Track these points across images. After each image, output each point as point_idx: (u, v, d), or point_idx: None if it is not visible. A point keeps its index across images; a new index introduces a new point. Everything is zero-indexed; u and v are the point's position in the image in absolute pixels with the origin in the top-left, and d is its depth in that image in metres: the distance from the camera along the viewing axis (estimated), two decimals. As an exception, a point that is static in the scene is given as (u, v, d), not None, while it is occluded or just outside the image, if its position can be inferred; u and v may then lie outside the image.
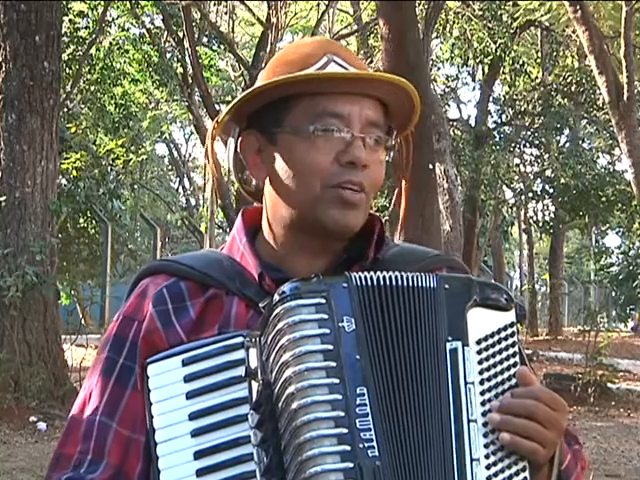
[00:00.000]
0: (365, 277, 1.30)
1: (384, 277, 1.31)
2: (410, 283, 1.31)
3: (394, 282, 1.31)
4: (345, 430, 1.21)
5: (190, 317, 1.40)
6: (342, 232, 1.40)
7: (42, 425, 8.42)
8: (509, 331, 1.32)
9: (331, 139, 1.37)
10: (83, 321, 14.41)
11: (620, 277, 21.56)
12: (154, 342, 1.39)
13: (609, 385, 11.68)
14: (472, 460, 1.25)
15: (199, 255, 1.51)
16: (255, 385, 1.28)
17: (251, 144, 1.44)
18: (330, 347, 1.24)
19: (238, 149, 1.45)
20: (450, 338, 1.29)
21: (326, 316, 1.26)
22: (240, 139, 1.45)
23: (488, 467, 1.26)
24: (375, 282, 1.30)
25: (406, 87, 1.42)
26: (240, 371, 1.30)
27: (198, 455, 1.28)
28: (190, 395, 1.30)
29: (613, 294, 23.82)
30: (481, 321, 1.31)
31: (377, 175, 1.41)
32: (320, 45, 1.44)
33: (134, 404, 1.37)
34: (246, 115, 1.44)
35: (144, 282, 1.45)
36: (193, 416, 1.29)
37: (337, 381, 1.23)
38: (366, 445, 1.21)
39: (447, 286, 1.32)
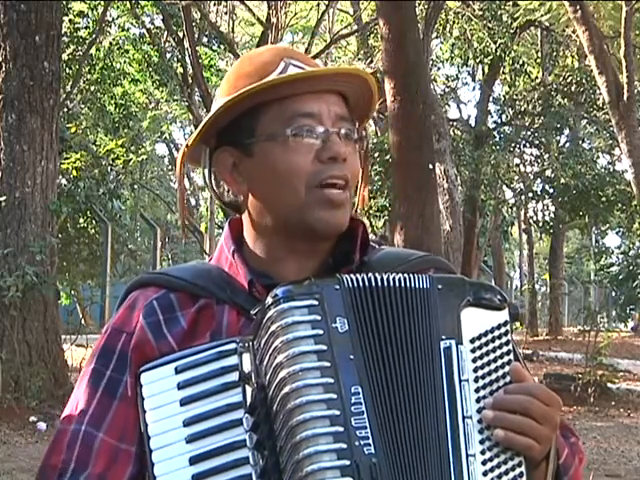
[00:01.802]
0: (357, 278, 1.31)
1: (376, 278, 1.32)
2: (402, 284, 1.32)
3: (386, 283, 1.32)
4: (341, 428, 1.22)
5: (181, 327, 1.41)
6: (331, 232, 1.41)
7: (42, 425, 8.43)
8: (502, 330, 1.33)
9: (307, 139, 1.39)
10: (83, 321, 14.41)
11: (620, 277, 21.56)
12: (145, 353, 1.39)
13: (609, 385, 11.69)
14: (468, 456, 1.26)
15: (188, 267, 1.51)
16: (249, 389, 1.29)
17: (225, 161, 1.44)
18: (324, 347, 1.25)
19: (213, 168, 1.46)
20: (444, 337, 1.30)
21: (319, 317, 1.26)
22: (213, 158, 1.45)
23: (484, 463, 1.27)
24: (367, 283, 1.31)
25: (364, 76, 1.44)
26: (234, 377, 1.30)
27: (194, 460, 1.28)
28: (184, 402, 1.30)
29: (613, 294, 23.83)
30: (475, 320, 1.32)
31: (356, 167, 1.43)
32: (275, 52, 1.46)
33: (122, 415, 1.37)
34: (214, 134, 1.44)
35: (133, 294, 1.46)
36: (187, 422, 1.29)
37: (332, 380, 1.24)
38: (362, 443, 1.22)
39: (440, 286, 1.33)
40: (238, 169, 1.43)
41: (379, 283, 1.32)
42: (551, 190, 20.00)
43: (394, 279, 1.32)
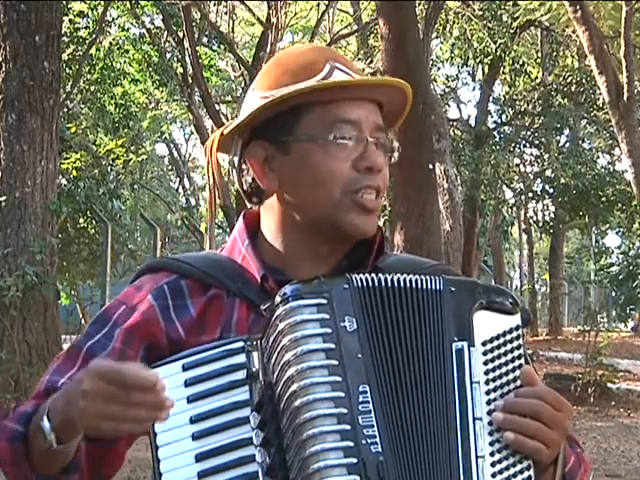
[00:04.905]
0: (366, 278, 1.32)
1: (386, 279, 1.32)
2: (414, 285, 1.33)
3: (396, 283, 1.32)
4: (348, 426, 1.22)
5: (191, 316, 1.41)
6: (359, 237, 1.43)
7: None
8: (514, 334, 1.33)
9: (347, 146, 1.40)
10: (83, 321, 14.40)
11: (620, 277, 21.57)
12: (152, 331, 1.40)
13: (609, 385, 11.69)
14: (477, 457, 1.27)
15: (200, 255, 1.52)
16: (257, 387, 1.29)
17: (258, 154, 1.44)
18: (332, 346, 1.25)
19: (244, 159, 1.46)
20: (456, 339, 1.31)
21: (327, 316, 1.27)
22: (246, 150, 1.45)
23: (493, 464, 1.27)
24: (376, 283, 1.32)
25: (407, 90, 1.47)
26: (241, 375, 1.31)
27: (200, 457, 1.28)
28: (191, 399, 1.30)
29: (613, 294, 23.82)
30: (487, 323, 1.33)
31: (387, 177, 1.45)
32: (320, 52, 1.47)
33: None
34: (250, 126, 1.44)
35: (144, 278, 1.47)
36: (194, 419, 1.30)
37: (339, 379, 1.24)
38: (369, 441, 1.22)
39: (453, 289, 1.34)
40: (270, 164, 1.44)
41: (389, 283, 1.32)
42: (551, 190, 19.99)
43: (405, 280, 1.33)
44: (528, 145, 20.64)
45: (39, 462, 1.31)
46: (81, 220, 14.68)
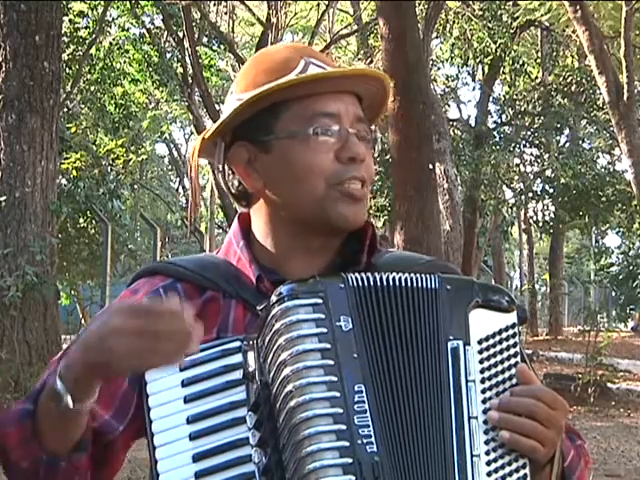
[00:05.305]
0: (362, 277, 1.32)
1: (381, 278, 1.32)
2: (409, 284, 1.33)
3: (392, 282, 1.32)
4: (343, 426, 1.22)
5: None
6: (349, 227, 1.43)
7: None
8: (510, 332, 1.33)
9: (328, 139, 1.40)
10: (83, 321, 14.41)
11: (620, 277, 21.58)
12: None
13: (609, 385, 11.68)
14: (472, 456, 1.27)
15: (196, 258, 1.52)
16: (253, 387, 1.29)
17: (241, 156, 1.44)
18: (327, 346, 1.25)
19: (228, 162, 1.46)
20: (451, 337, 1.31)
21: (323, 316, 1.27)
22: (229, 153, 1.45)
23: (488, 463, 1.27)
24: (372, 282, 1.32)
25: (382, 78, 1.46)
26: (237, 375, 1.31)
27: (197, 458, 1.28)
28: (188, 399, 1.30)
29: (613, 294, 23.83)
30: (483, 322, 1.33)
31: (372, 168, 1.45)
32: (294, 50, 1.47)
33: None
34: (230, 128, 1.44)
35: (140, 282, 1.47)
36: (191, 419, 1.30)
37: (335, 379, 1.24)
38: (365, 441, 1.22)
39: (449, 287, 1.34)
40: (253, 165, 1.44)
41: (384, 282, 1.32)
42: (551, 190, 19.97)
43: (400, 279, 1.33)
44: (528, 145, 20.63)
45: (50, 437, 1.29)
46: (81, 220, 14.68)
